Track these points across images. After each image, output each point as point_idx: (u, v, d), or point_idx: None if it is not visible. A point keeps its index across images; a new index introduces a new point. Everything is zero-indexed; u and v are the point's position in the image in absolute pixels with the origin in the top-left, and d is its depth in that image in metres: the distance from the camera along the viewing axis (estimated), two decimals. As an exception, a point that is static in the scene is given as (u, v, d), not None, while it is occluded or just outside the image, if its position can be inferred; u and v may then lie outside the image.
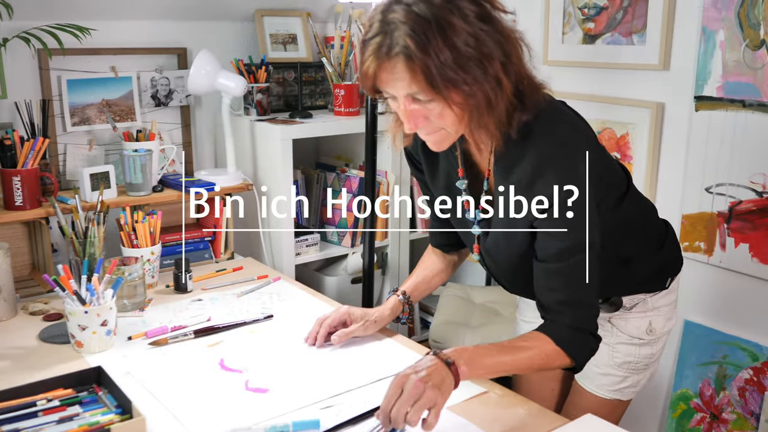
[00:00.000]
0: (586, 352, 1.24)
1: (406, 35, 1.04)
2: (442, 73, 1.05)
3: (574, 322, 1.21)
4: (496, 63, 1.08)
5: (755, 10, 1.76)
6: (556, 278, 1.20)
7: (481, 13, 1.08)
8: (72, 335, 1.48)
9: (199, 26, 2.33)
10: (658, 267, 1.40)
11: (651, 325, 1.41)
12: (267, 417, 1.23)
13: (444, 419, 1.22)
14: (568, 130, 1.16)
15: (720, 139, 1.87)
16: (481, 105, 1.10)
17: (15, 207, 1.82)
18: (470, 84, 1.07)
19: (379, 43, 1.07)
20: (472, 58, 1.06)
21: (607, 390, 1.44)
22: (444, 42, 1.04)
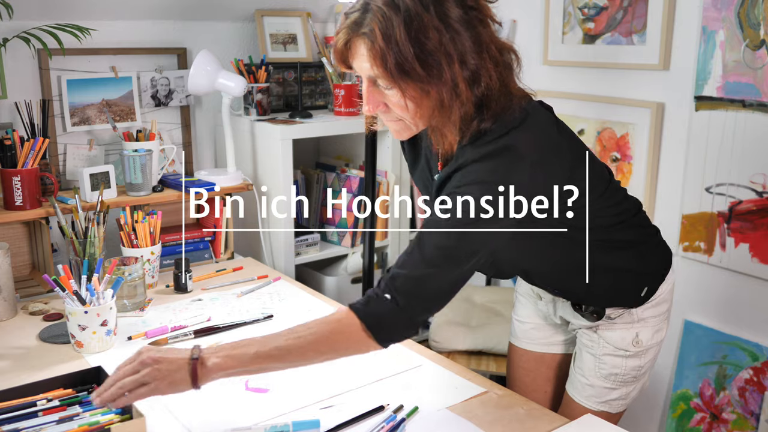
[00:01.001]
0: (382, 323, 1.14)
1: (375, 20, 1.07)
2: (399, 65, 1.07)
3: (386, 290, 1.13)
4: (456, 67, 1.08)
5: (755, 10, 1.76)
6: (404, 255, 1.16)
7: (463, 18, 1.09)
8: (72, 335, 1.48)
9: (199, 26, 2.33)
10: (633, 278, 1.35)
11: (638, 337, 1.37)
12: (267, 417, 1.23)
13: (444, 419, 1.23)
14: (511, 144, 1.13)
15: (720, 139, 1.87)
16: (435, 104, 1.11)
17: (15, 207, 1.82)
18: (425, 81, 1.09)
19: (355, 19, 1.10)
20: (432, 57, 1.07)
21: (594, 401, 1.40)
22: (408, 35, 1.06)
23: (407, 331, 1.17)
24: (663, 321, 1.41)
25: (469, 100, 1.11)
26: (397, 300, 1.12)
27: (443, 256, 1.12)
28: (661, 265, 1.40)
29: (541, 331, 1.54)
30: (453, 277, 1.15)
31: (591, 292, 1.35)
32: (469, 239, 1.12)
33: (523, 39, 2.34)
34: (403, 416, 1.22)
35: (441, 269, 1.13)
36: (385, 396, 1.30)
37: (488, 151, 1.12)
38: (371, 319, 1.13)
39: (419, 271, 1.13)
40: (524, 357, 1.57)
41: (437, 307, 1.18)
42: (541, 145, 1.15)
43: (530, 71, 2.35)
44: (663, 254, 1.42)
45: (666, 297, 1.40)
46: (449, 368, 1.42)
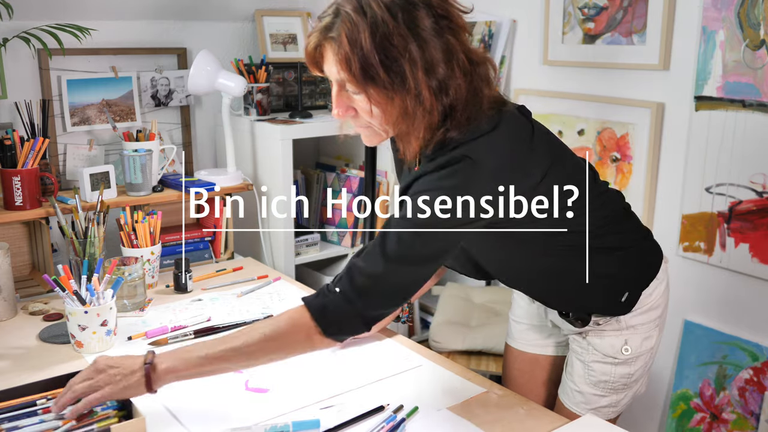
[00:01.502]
0: (331, 318, 1.15)
1: (343, 25, 1.09)
2: (364, 70, 1.09)
3: (339, 284, 1.15)
4: (420, 75, 1.09)
5: (755, 10, 1.76)
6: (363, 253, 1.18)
7: (433, 28, 1.10)
8: (72, 335, 1.48)
9: (199, 26, 2.33)
10: (610, 284, 1.33)
11: (626, 344, 1.34)
12: (267, 417, 1.23)
13: (444, 419, 1.23)
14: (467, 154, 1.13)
15: (720, 139, 1.87)
16: (399, 111, 1.13)
17: (15, 207, 1.82)
18: (389, 88, 1.10)
19: (326, 24, 1.12)
20: (397, 63, 1.09)
21: (584, 408, 1.38)
22: (373, 41, 1.07)
23: (358, 328, 1.19)
24: (654, 328, 1.37)
25: (434, 108, 1.12)
26: (349, 296, 1.14)
27: (402, 256, 1.14)
28: (646, 270, 1.37)
29: (536, 332, 1.53)
30: (410, 278, 1.17)
31: (564, 297, 1.35)
32: (427, 242, 1.14)
33: (523, 39, 2.34)
34: (403, 416, 1.22)
35: (398, 269, 1.15)
36: (385, 396, 1.30)
37: (445, 161, 1.13)
38: (320, 313, 1.16)
39: (377, 269, 1.14)
40: (519, 358, 1.57)
41: (392, 306, 1.20)
42: (501, 154, 1.14)
43: (530, 71, 2.36)
44: (649, 259, 1.38)
45: (657, 303, 1.37)
46: (449, 368, 1.42)
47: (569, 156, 1.30)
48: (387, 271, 1.14)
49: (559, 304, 1.38)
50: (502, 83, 2.38)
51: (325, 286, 1.19)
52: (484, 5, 2.43)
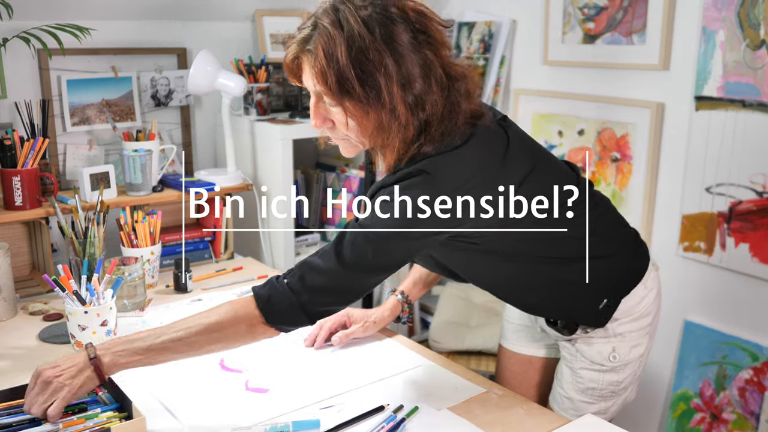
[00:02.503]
0: (275, 305, 1.17)
1: (321, 39, 1.11)
2: (339, 83, 1.10)
3: (290, 276, 1.18)
4: (396, 90, 1.10)
5: (755, 10, 1.76)
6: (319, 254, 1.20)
7: (411, 43, 1.11)
8: (72, 335, 1.48)
9: (199, 26, 2.33)
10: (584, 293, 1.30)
11: (614, 352, 1.33)
12: (267, 417, 1.23)
13: (444, 419, 1.23)
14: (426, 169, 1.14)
15: (720, 139, 1.87)
16: (374, 125, 1.14)
17: (15, 207, 1.82)
18: (365, 102, 1.12)
19: (304, 36, 1.14)
20: (372, 78, 1.10)
21: (572, 414, 1.37)
22: (348, 56, 1.09)
23: (301, 320, 1.20)
24: (643, 336, 1.35)
25: (409, 123, 1.13)
26: (296, 289, 1.16)
27: (355, 263, 1.16)
28: (628, 277, 1.34)
29: (529, 333, 1.53)
30: (359, 283, 1.20)
31: (535, 305, 1.35)
32: (380, 253, 1.16)
33: (523, 39, 2.34)
34: (403, 416, 1.22)
35: (350, 274, 1.17)
36: (385, 396, 1.30)
37: (404, 174, 1.15)
38: (265, 302, 1.18)
39: (330, 268, 1.16)
40: (512, 359, 1.56)
41: (339, 305, 1.22)
42: (465, 168, 1.15)
43: (530, 71, 2.36)
44: (631, 267, 1.35)
45: (648, 311, 1.35)
46: (449, 368, 1.42)
47: (554, 163, 1.30)
48: (339, 273, 1.17)
49: (533, 310, 1.39)
50: (502, 83, 2.38)
51: (274, 277, 1.20)
52: (484, 5, 2.43)
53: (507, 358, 1.58)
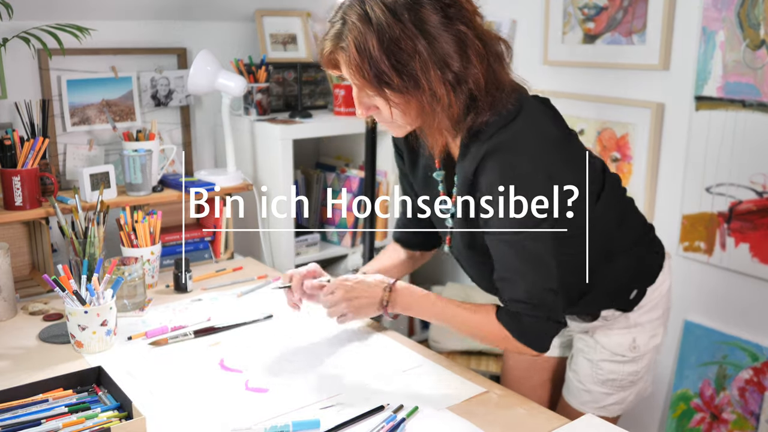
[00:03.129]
0: (534, 334, 1.22)
1: (351, 35, 1.10)
2: (376, 76, 1.10)
3: (518, 297, 1.20)
4: (433, 74, 1.09)
5: (755, 10, 1.76)
6: (497, 251, 1.20)
7: (442, 22, 1.09)
8: (72, 335, 1.48)
9: (199, 26, 2.33)
10: (627, 277, 1.35)
11: (635, 342, 1.36)
12: (267, 417, 1.23)
13: (444, 419, 1.23)
14: (519, 131, 1.15)
15: (720, 139, 1.87)
16: (418, 110, 1.14)
17: (15, 207, 1.82)
18: (404, 91, 1.11)
19: (336, 32, 1.14)
20: (408, 66, 1.09)
21: (591, 407, 1.40)
22: (381, 48, 1.08)
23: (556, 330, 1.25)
24: (659, 326, 1.39)
25: (453, 102, 1.12)
26: (554, 319, 1.22)
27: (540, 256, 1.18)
28: (653, 266, 1.38)
29: None
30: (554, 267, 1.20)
31: (580, 299, 1.35)
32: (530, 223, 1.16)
33: (523, 39, 2.34)
34: (403, 416, 1.22)
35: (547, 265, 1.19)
36: (385, 396, 1.30)
37: (499, 142, 1.13)
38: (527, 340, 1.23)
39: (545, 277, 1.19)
40: (519, 359, 1.57)
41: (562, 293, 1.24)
42: (545, 129, 1.17)
43: (530, 71, 2.35)
44: (655, 256, 1.40)
45: (661, 301, 1.38)
46: (449, 368, 1.42)
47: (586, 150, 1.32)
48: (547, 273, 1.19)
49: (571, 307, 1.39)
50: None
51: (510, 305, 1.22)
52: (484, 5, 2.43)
53: (514, 359, 1.58)
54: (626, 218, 1.36)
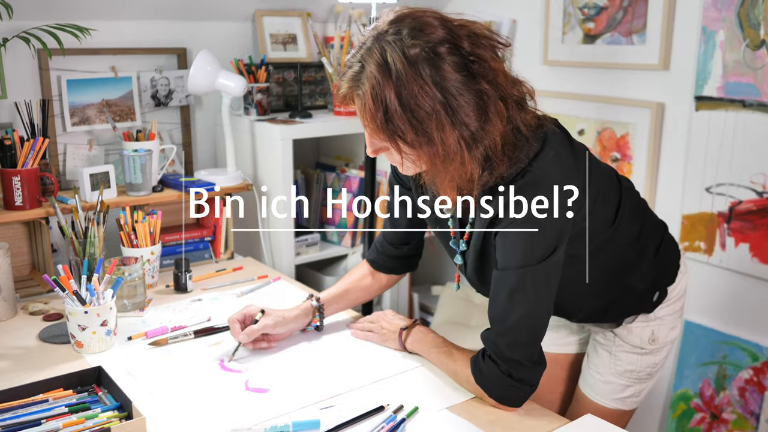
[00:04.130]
0: (502, 392, 1.23)
1: (369, 83, 1.07)
2: (390, 129, 1.07)
3: (494, 348, 1.22)
4: (448, 135, 1.06)
5: (755, 10, 1.76)
6: (494, 288, 1.21)
7: (462, 81, 1.05)
8: (72, 335, 1.48)
9: (199, 26, 2.33)
10: (649, 284, 1.36)
11: (654, 335, 1.38)
12: (267, 417, 1.23)
13: (444, 419, 1.23)
14: (551, 174, 1.14)
15: (720, 139, 1.87)
16: (428, 163, 1.13)
17: (15, 207, 1.82)
18: (416, 145, 1.09)
19: (355, 73, 1.10)
20: (424, 123, 1.06)
21: (609, 399, 1.42)
22: (398, 102, 1.05)
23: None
24: (677, 318, 1.42)
25: (467, 162, 1.09)
26: (526, 383, 1.23)
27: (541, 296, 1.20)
28: (671, 267, 1.40)
29: (554, 332, 1.54)
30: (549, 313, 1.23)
31: (607, 311, 1.37)
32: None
33: (523, 39, 2.34)
34: (403, 416, 1.22)
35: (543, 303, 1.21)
36: (385, 396, 1.30)
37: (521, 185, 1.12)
38: (499, 398, 1.25)
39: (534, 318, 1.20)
40: None
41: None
42: (566, 170, 1.15)
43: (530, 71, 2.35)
44: (672, 257, 1.41)
45: (679, 295, 1.41)
46: (449, 368, 1.42)
47: (609, 170, 1.33)
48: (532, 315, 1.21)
49: (587, 317, 1.40)
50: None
51: (485, 359, 1.25)
52: (484, 5, 2.43)
53: None
54: (644, 226, 1.36)
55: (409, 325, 1.46)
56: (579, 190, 1.14)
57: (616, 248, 1.29)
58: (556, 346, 1.55)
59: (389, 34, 1.07)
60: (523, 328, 1.19)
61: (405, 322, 1.48)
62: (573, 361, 1.55)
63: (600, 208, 1.23)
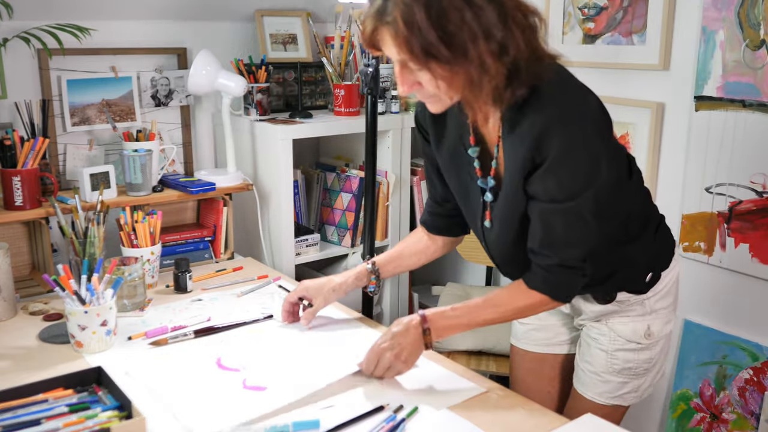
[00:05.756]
0: (564, 288, 1.28)
1: (398, 8, 1.09)
2: (424, 49, 1.09)
3: (559, 261, 1.24)
4: (481, 45, 1.09)
5: (755, 10, 1.76)
6: (546, 219, 1.22)
7: None
8: (72, 335, 1.48)
9: (199, 26, 2.33)
10: (645, 259, 1.38)
11: (649, 329, 1.39)
12: (264, 414, 1.23)
13: (444, 419, 1.23)
14: (576, 96, 1.20)
15: (720, 139, 1.87)
16: (465, 82, 1.14)
17: (15, 207, 1.82)
18: (452, 62, 1.10)
19: (378, 7, 1.12)
20: (456, 37, 1.08)
21: (607, 397, 1.42)
22: (429, 20, 1.07)
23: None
24: (671, 312, 1.44)
25: (499, 72, 1.12)
26: (585, 270, 1.26)
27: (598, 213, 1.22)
28: (667, 251, 1.42)
29: (543, 332, 1.54)
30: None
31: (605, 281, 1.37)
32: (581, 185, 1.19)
33: (523, 39, 2.34)
34: (403, 416, 1.22)
35: (591, 229, 1.23)
36: (385, 396, 1.30)
37: (560, 106, 1.17)
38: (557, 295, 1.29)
39: (587, 241, 1.23)
40: (525, 357, 1.58)
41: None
42: (593, 97, 1.23)
43: (530, 71, 2.36)
44: (668, 241, 1.44)
45: (672, 287, 1.42)
46: (449, 368, 1.42)
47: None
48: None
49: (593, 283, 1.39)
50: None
51: (540, 268, 1.27)
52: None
53: (520, 357, 1.60)
54: (647, 202, 1.40)
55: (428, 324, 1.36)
56: (606, 129, 1.22)
57: (626, 205, 1.31)
58: (546, 346, 1.54)
59: None
60: (580, 244, 1.24)
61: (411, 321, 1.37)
62: (563, 361, 1.55)
63: (618, 151, 1.30)
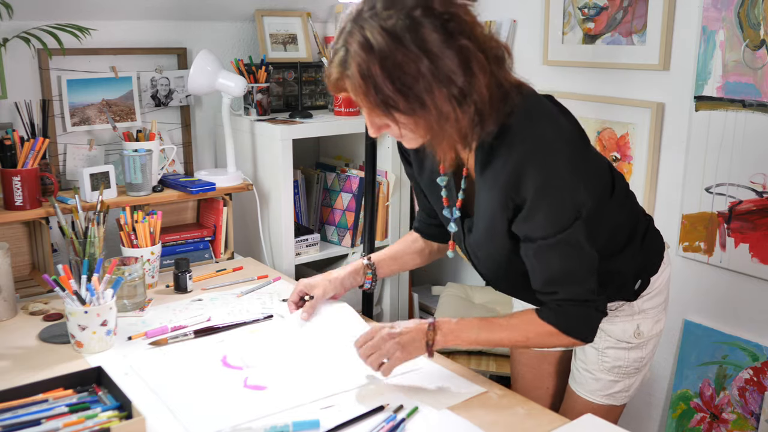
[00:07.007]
0: (580, 325, 1.26)
1: (354, 62, 1.10)
2: (383, 101, 1.11)
3: (567, 296, 1.24)
4: (437, 94, 1.09)
5: (755, 10, 1.76)
6: (542, 257, 1.22)
7: (442, 39, 1.08)
8: (72, 335, 1.48)
9: (199, 26, 2.33)
10: (633, 269, 1.38)
11: (639, 329, 1.40)
12: (265, 414, 1.23)
13: (444, 419, 1.23)
14: (545, 125, 1.18)
15: (720, 139, 1.87)
16: (425, 129, 1.15)
17: (15, 207, 1.82)
18: (411, 113, 1.12)
19: (341, 58, 1.13)
20: (412, 90, 1.09)
21: (599, 395, 1.43)
22: (384, 73, 1.08)
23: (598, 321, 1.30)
24: (662, 312, 1.44)
25: (461, 118, 1.13)
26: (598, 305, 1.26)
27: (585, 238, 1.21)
28: (655, 256, 1.42)
29: None
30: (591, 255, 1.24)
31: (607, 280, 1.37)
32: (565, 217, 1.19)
33: (523, 39, 2.34)
34: (403, 416, 1.22)
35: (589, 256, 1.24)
36: (385, 396, 1.30)
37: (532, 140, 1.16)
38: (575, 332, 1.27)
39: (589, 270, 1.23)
40: (525, 355, 1.59)
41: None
42: (565, 123, 1.20)
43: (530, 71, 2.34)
44: (656, 246, 1.43)
45: (663, 288, 1.42)
46: (449, 368, 1.42)
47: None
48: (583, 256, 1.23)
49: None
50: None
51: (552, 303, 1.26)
52: (484, 5, 2.43)
53: (520, 354, 1.62)
54: (632, 213, 1.39)
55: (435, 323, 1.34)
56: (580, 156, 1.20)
57: (610, 222, 1.31)
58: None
59: (365, 12, 1.10)
60: (583, 273, 1.23)
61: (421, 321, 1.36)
62: (561, 357, 1.56)
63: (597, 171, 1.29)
